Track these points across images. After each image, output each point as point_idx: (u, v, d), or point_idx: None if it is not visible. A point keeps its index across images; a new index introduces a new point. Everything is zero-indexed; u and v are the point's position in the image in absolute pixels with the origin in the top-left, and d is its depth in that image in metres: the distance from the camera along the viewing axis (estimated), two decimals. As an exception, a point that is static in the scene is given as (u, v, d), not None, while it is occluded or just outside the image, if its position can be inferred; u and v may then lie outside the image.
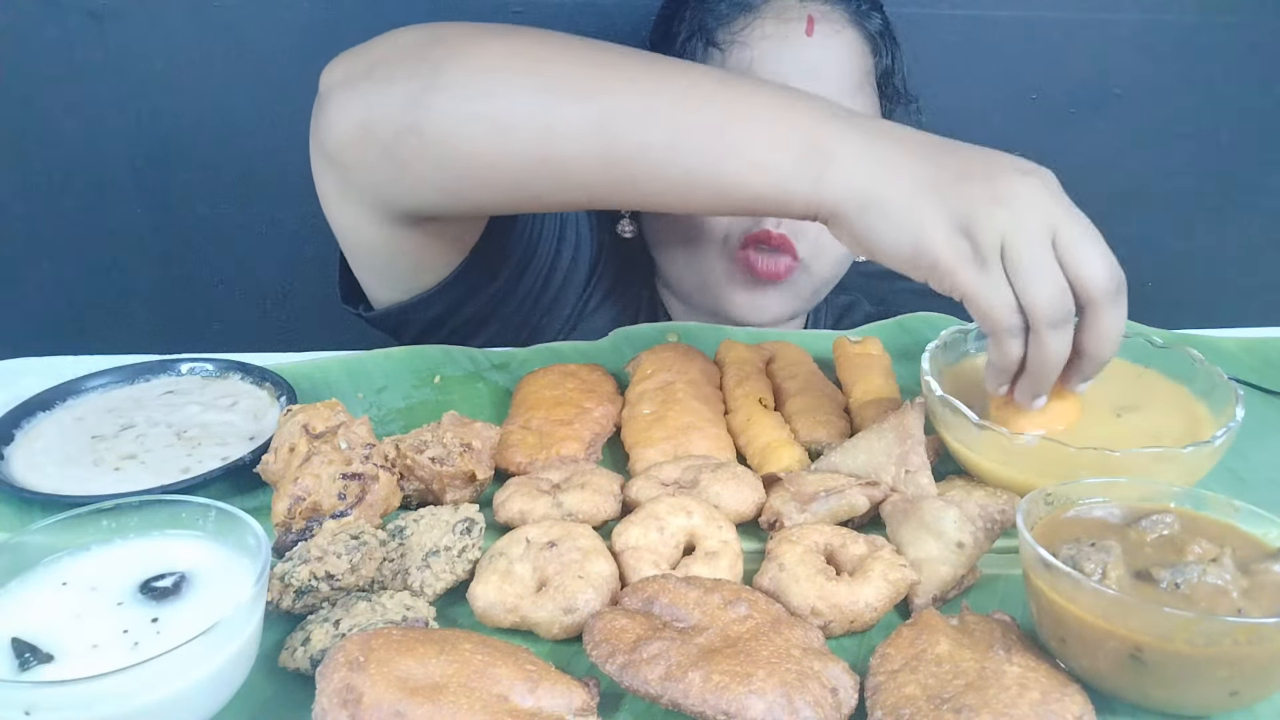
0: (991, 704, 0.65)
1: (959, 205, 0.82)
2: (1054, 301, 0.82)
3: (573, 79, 0.89)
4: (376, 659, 0.63)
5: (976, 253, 0.82)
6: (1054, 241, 0.82)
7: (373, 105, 0.95)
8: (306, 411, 0.89)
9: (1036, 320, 0.82)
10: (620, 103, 0.87)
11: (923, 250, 0.83)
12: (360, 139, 0.96)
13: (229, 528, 0.72)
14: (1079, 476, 0.82)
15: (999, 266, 0.82)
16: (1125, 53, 1.71)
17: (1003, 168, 0.84)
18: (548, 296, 1.33)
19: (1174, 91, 1.74)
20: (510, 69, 0.89)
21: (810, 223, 1.19)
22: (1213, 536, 0.75)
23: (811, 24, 1.24)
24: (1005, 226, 0.81)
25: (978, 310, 0.84)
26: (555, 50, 0.92)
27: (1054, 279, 0.82)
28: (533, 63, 0.90)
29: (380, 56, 0.97)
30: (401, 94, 0.93)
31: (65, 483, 0.91)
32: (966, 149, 0.86)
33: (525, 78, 0.89)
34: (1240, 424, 0.89)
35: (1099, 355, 0.86)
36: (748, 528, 0.89)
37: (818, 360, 1.14)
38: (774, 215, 0.89)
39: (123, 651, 0.65)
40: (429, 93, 0.91)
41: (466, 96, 0.89)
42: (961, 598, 0.83)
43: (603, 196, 0.91)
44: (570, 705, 0.66)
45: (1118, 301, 0.84)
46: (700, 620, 0.71)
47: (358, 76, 0.97)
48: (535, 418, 1.01)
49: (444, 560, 0.80)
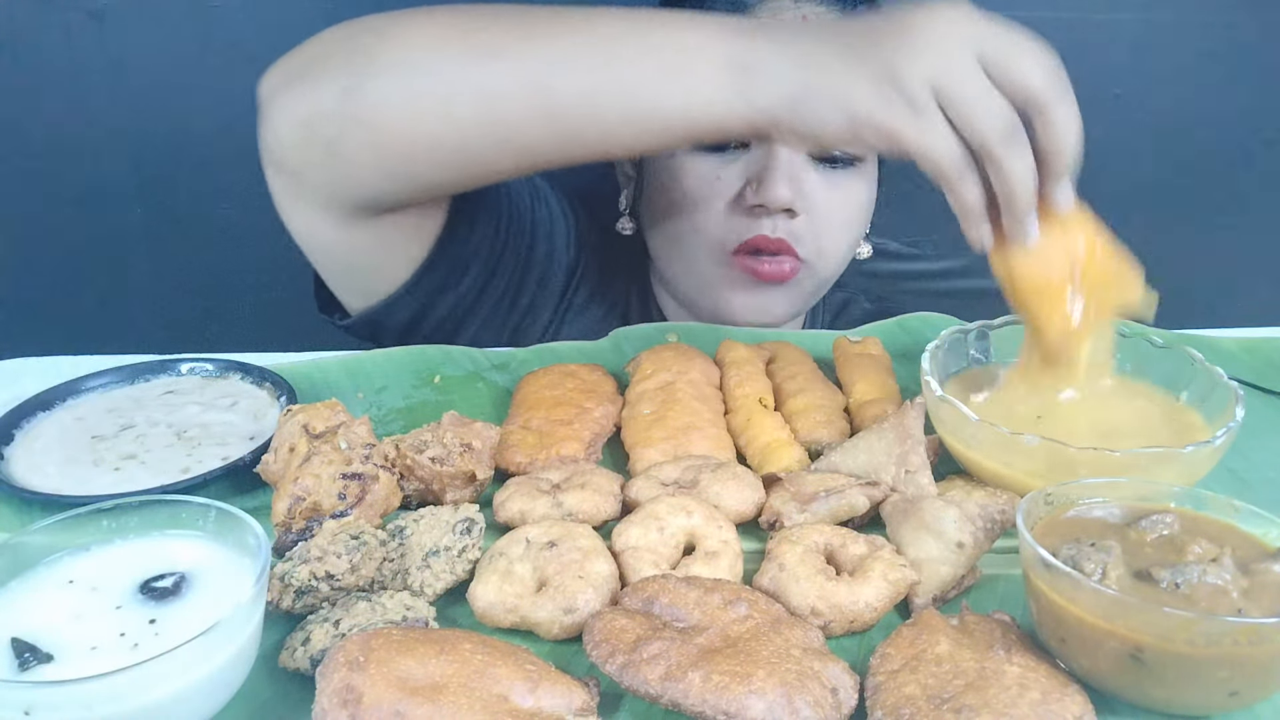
0: (991, 704, 0.65)
1: (880, 65, 0.83)
2: (996, 123, 0.81)
3: (503, 42, 0.91)
4: (376, 659, 0.63)
5: (911, 104, 0.82)
6: (983, 63, 0.82)
7: (311, 103, 0.96)
8: (306, 411, 0.89)
9: (987, 146, 0.82)
10: (553, 57, 0.89)
11: (858, 119, 0.84)
12: (305, 139, 0.97)
13: (229, 528, 0.72)
14: (1079, 476, 0.82)
15: (935, 110, 0.82)
16: (1125, 53, 1.71)
17: (911, 15, 0.85)
18: (525, 297, 1.32)
19: (1174, 91, 1.74)
20: (441, 43, 0.91)
21: (804, 224, 1.19)
22: (1213, 536, 0.75)
23: None
24: (929, 69, 0.82)
25: (923, 159, 0.84)
26: (484, 19, 0.94)
27: (990, 101, 0.82)
28: (462, 33, 0.92)
29: (312, 55, 0.99)
30: (338, 87, 0.94)
31: (65, 483, 0.91)
32: (872, 14, 0.88)
33: (456, 49, 0.91)
34: (1240, 424, 0.89)
35: (1062, 151, 0.84)
36: (748, 528, 0.89)
37: (818, 360, 1.14)
38: (716, 139, 0.93)
39: (122, 652, 0.65)
40: (364, 80, 0.92)
41: (401, 76, 0.91)
42: (961, 598, 0.83)
43: (551, 153, 0.93)
44: (570, 705, 0.66)
45: (1064, 97, 0.83)
46: (700, 620, 0.71)
47: (294, 78, 0.98)
48: (535, 418, 1.01)
49: (444, 560, 0.80)
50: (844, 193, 1.29)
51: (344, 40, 0.97)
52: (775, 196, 1.22)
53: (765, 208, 1.24)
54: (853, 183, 1.29)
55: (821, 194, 1.27)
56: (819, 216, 1.27)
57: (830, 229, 1.29)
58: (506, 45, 0.90)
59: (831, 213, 1.28)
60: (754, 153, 1.26)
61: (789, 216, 1.25)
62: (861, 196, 1.32)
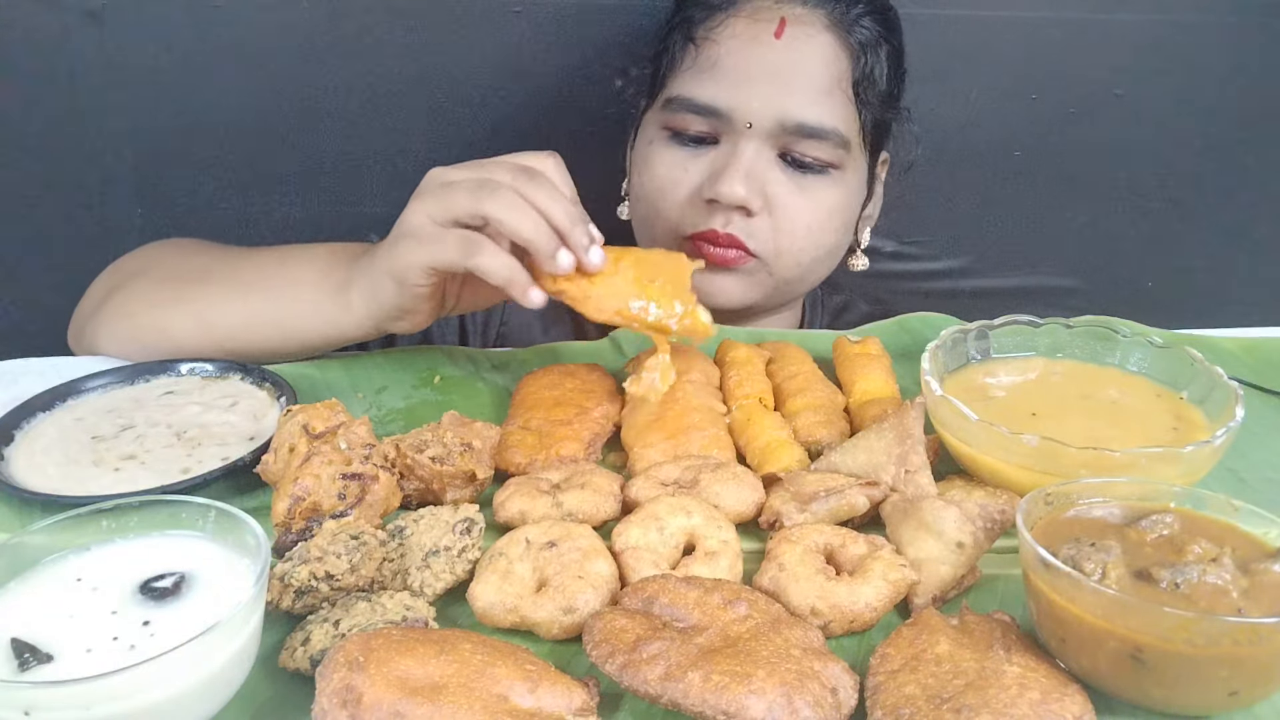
0: (991, 704, 0.65)
1: (400, 230, 1.03)
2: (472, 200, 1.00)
3: (188, 289, 1.18)
4: (376, 659, 0.63)
5: (424, 234, 1.01)
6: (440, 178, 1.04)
7: (77, 342, 1.26)
8: (306, 412, 0.89)
9: (483, 215, 0.98)
10: (212, 299, 1.16)
11: (420, 266, 1.02)
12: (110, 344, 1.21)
13: (229, 528, 0.72)
14: (1079, 476, 0.82)
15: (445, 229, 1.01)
16: (1125, 53, 1.70)
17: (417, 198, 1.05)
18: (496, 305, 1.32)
19: (1174, 91, 1.73)
20: (150, 294, 1.20)
21: (763, 224, 1.24)
22: (1213, 536, 0.75)
23: (783, 26, 1.24)
24: (422, 210, 1.02)
25: (469, 263, 1.00)
26: (186, 270, 1.23)
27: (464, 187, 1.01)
28: (165, 283, 1.21)
29: (85, 304, 1.28)
30: (77, 329, 1.26)
31: (65, 483, 0.91)
32: None
33: (159, 297, 1.19)
34: (1240, 424, 0.89)
35: None
36: (748, 528, 0.89)
37: (818, 360, 1.14)
38: (339, 343, 1.15)
39: (121, 652, 0.65)
40: (91, 324, 1.22)
41: (120, 320, 1.18)
42: (961, 598, 0.83)
43: (227, 357, 1.14)
44: (570, 705, 0.66)
45: None
46: (700, 620, 0.71)
47: (77, 325, 1.27)
48: (535, 418, 1.01)
49: (444, 560, 0.80)
50: (811, 198, 1.27)
51: (99, 294, 1.25)
52: (728, 192, 1.22)
53: (718, 202, 1.23)
54: (824, 189, 1.28)
55: (786, 196, 1.26)
56: (781, 218, 1.26)
57: (792, 231, 1.27)
58: (188, 291, 1.18)
59: (795, 215, 1.26)
60: (721, 148, 1.26)
61: (745, 215, 1.24)
62: (832, 203, 1.29)
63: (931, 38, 1.63)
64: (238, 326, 1.14)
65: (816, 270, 1.36)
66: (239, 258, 1.24)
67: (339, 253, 1.17)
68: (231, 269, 1.21)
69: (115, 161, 1.57)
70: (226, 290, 1.17)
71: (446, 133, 1.59)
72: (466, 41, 1.56)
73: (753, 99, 1.23)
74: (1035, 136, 1.71)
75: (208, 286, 1.18)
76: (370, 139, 1.60)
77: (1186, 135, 1.77)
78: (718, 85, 1.25)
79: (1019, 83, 1.70)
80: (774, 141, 1.25)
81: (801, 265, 1.31)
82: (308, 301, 1.12)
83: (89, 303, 1.27)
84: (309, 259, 1.17)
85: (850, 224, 1.36)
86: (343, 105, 1.57)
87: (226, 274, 1.20)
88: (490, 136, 1.60)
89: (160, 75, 1.53)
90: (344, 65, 1.55)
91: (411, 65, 1.56)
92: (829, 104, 1.25)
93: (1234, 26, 1.72)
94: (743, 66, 1.24)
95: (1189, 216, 1.83)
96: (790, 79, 1.24)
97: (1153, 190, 1.79)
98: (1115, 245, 1.83)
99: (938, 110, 1.66)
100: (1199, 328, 1.29)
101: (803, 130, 1.23)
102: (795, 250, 1.29)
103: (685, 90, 1.27)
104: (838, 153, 1.26)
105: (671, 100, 1.28)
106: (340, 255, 1.16)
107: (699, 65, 1.27)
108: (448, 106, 1.59)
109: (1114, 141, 1.75)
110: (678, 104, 1.27)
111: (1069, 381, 1.03)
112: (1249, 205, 1.85)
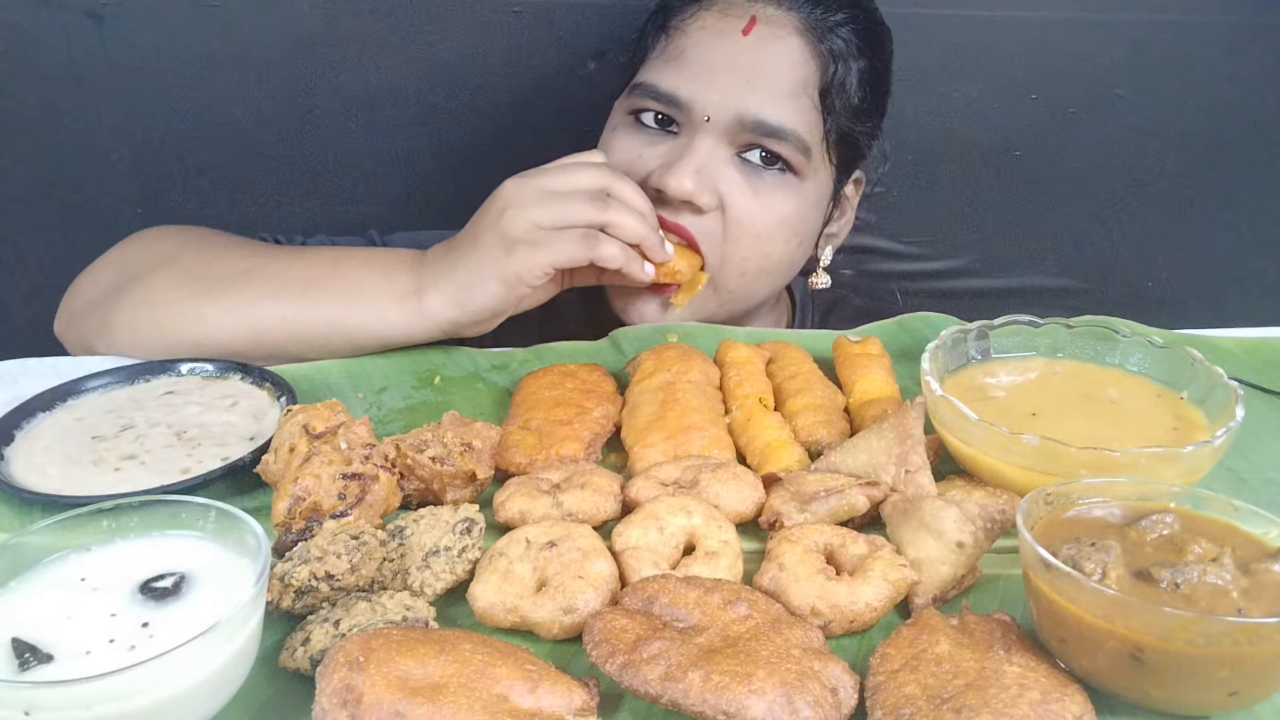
0: (991, 704, 0.65)
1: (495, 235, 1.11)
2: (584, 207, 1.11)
3: (223, 280, 1.17)
4: (376, 659, 0.63)
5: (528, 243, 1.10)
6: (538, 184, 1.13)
7: (78, 342, 1.22)
8: (306, 412, 0.89)
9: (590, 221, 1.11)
10: (260, 297, 1.15)
11: (509, 279, 1.10)
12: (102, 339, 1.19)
13: (229, 528, 0.72)
14: (1078, 475, 0.82)
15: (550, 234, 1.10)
16: (1125, 53, 1.70)
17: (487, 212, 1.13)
18: None
19: (1174, 91, 1.73)
20: (176, 286, 1.17)
21: (713, 224, 1.24)
22: (1213, 536, 0.75)
23: (752, 24, 1.23)
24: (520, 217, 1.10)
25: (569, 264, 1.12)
26: (219, 263, 1.20)
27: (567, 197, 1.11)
28: (194, 278, 1.18)
29: (85, 294, 1.24)
30: (91, 326, 1.19)
31: (65, 483, 0.91)
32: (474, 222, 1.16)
33: (189, 290, 1.16)
34: (1240, 424, 0.89)
35: None
36: (748, 528, 0.89)
37: (818, 360, 1.14)
38: (396, 345, 1.17)
39: (121, 652, 0.65)
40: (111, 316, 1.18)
41: (142, 312, 1.16)
42: (961, 598, 0.83)
43: (264, 358, 1.14)
44: (570, 705, 0.66)
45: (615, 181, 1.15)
46: (700, 620, 0.71)
47: (69, 319, 1.24)
48: (535, 418, 1.01)
49: (444, 560, 0.80)
50: (764, 202, 1.23)
51: (108, 281, 1.22)
52: (675, 185, 1.19)
53: (664, 194, 1.21)
54: (779, 195, 1.24)
55: (737, 196, 1.22)
56: (732, 220, 1.23)
57: (739, 237, 1.23)
58: (229, 287, 1.16)
59: (744, 218, 1.23)
60: (678, 140, 1.24)
61: (693, 211, 1.22)
62: (785, 210, 1.25)
63: (932, 38, 1.63)
64: (293, 325, 1.14)
65: (761, 283, 1.30)
66: (280, 256, 1.23)
67: (391, 258, 1.19)
68: (277, 267, 1.19)
69: (115, 161, 1.57)
70: (276, 289, 1.16)
71: (447, 133, 1.60)
72: (466, 41, 1.56)
73: (713, 91, 1.21)
74: (1035, 136, 1.72)
75: (252, 284, 1.16)
76: (370, 139, 1.60)
77: (1186, 135, 1.77)
78: (679, 75, 1.24)
79: (1019, 83, 1.70)
80: (731, 138, 1.22)
81: (746, 275, 1.27)
82: (371, 304, 1.14)
83: (86, 293, 1.23)
84: (363, 262, 1.19)
85: (806, 238, 1.32)
86: (343, 105, 1.58)
87: (273, 272, 1.18)
88: (490, 136, 1.60)
89: (160, 75, 1.53)
90: (344, 65, 1.56)
91: (411, 65, 1.56)
92: (792, 106, 1.23)
93: (1234, 26, 1.72)
94: (707, 59, 1.23)
95: (1189, 216, 1.83)
96: (753, 77, 1.22)
97: (1152, 190, 1.79)
98: (1115, 245, 1.83)
99: (937, 110, 1.67)
100: (1199, 328, 1.29)
101: (761, 129, 1.21)
102: (739, 259, 1.25)
103: (650, 78, 1.26)
104: (797, 158, 1.23)
105: (636, 86, 1.27)
106: (395, 260, 1.18)
107: (667, 55, 1.27)
108: (448, 106, 1.59)
109: (1114, 141, 1.75)
110: (641, 90, 1.26)
111: (1069, 381, 1.03)
112: (1249, 205, 1.85)
